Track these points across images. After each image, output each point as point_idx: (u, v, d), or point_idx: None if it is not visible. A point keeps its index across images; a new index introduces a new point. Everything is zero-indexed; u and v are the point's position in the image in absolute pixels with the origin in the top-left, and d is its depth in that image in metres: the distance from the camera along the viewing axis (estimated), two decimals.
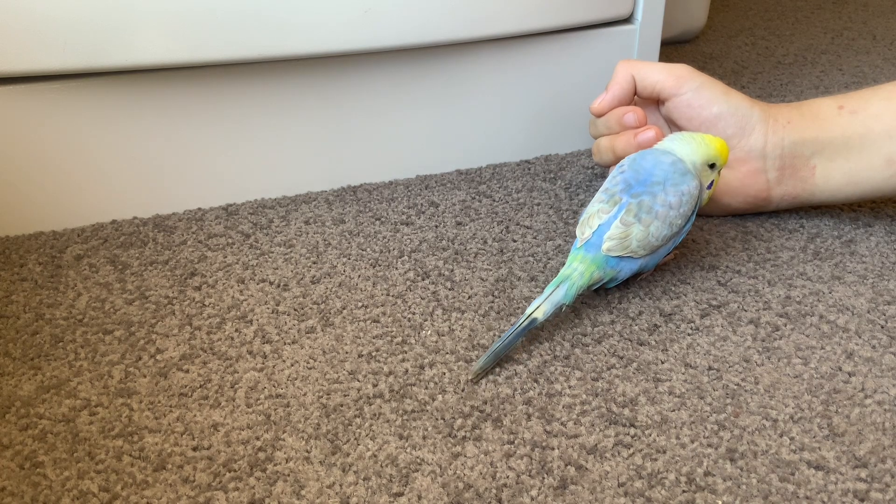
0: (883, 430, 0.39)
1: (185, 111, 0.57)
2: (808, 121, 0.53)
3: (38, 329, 0.47)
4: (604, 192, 0.48)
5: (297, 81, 0.58)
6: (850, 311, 0.47)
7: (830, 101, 0.53)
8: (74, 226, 0.57)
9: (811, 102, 0.54)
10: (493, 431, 0.39)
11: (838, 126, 0.52)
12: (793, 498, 0.35)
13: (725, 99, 0.53)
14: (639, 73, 0.55)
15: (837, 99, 0.53)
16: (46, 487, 0.36)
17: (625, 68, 0.55)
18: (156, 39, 0.52)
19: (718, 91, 0.53)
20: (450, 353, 0.44)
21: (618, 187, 0.48)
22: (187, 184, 0.59)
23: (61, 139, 0.54)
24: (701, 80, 0.53)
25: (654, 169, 0.48)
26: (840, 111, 0.52)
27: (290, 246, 0.55)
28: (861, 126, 0.51)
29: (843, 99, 0.53)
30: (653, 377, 0.42)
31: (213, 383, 0.43)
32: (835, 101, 0.53)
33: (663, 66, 0.55)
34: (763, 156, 0.53)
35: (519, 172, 0.65)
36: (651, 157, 0.49)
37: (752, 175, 0.54)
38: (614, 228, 0.46)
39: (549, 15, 0.61)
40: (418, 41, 0.58)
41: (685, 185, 0.47)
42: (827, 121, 0.52)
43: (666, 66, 0.55)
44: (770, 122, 0.53)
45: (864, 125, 0.51)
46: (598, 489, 0.36)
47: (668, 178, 0.47)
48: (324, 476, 0.37)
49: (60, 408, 0.41)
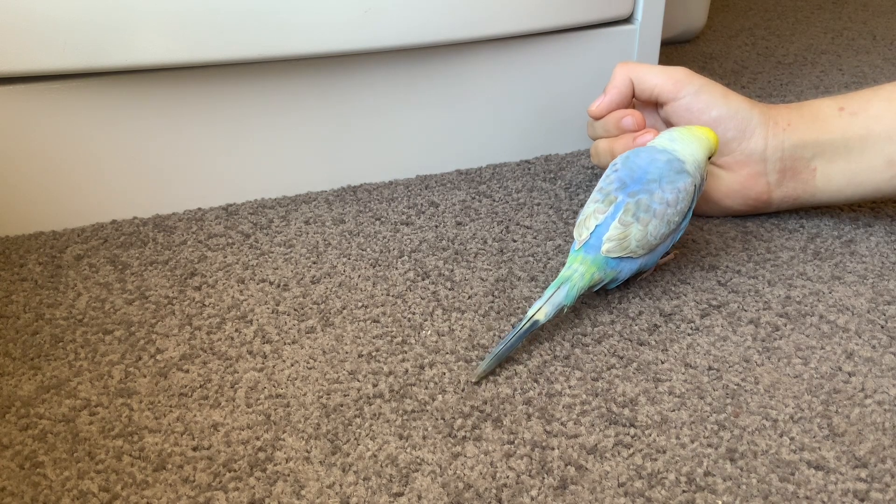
0: (883, 430, 0.39)
1: (185, 111, 0.57)
2: (809, 122, 0.53)
3: (38, 329, 0.47)
4: (599, 191, 0.48)
5: (297, 81, 0.58)
6: (850, 311, 0.47)
7: (831, 103, 0.53)
8: (74, 226, 0.57)
9: (811, 104, 0.54)
10: (493, 431, 0.39)
11: (839, 128, 0.52)
12: (793, 498, 0.35)
13: (725, 102, 0.53)
14: (637, 76, 0.55)
15: (838, 100, 0.53)
16: (46, 487, 0.36)
17: (623, 71, 0.55)
18: (156, 39, 0.52)
19: (717, 94, 0.53)
20: (450, 353, 0.44)
21: (612, 186, 0.47)
22: (187, 184, 0.59)
23: (61, 139, 0.54)
24: (699, 84, 0.53)
25: (648, 167, 0.48)
26: (840, 113, 0.52)
27: (290, 246, 0.55)
28: (862, 128, 0.51)
29: (844, 100, 0.53)
30: (653, 377, 0.42)
31: (213, 383, 0.43)
32: (835, 102, 0.53)
33: (661, 70, 0.54)
34: (763, 159, 0.53)
35: (519, 172, 0.65)
36: (645, 155, 0.49)
37: (752, 178, 0.54)
38: (613, 229, 0.46)
39: (548, 15, 0.61)
40: (418, 41, 0.58)
41: (681, 181, 0.47)
42: (827, 122, 0.52)
43: (664, 70, 0.54)
44: (770, 125, 0.53)
45: (865, 127, 0.51)
46: (598, 489, 0.36)
47: (664, 176, 0.47)
48: (324, 476, 0.37)
49: (60, 408, 0.41)
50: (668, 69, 0.54)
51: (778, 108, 0.54)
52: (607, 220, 0.46)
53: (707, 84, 0.53)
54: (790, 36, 0.99)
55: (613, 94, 0.55)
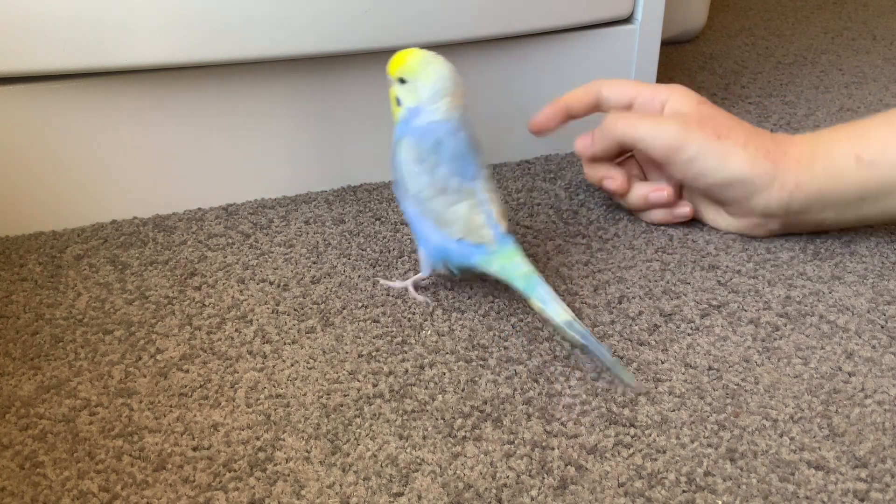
0: (883, 430, 0.39)
1: (185, 111, 0.57)
2: (822, 179, 0.49)
3: (38, 329, 0.47)
4: (446, 194, 0.45)
5: (297, 81, 0.58)
6: (850, 311, 0.47)
7: (848, 149, 0.48)
8: (74, 226, 0.57)
9: (826, 152, 0.49)
10: (493, 431, 0.39)
11: (855, 182, 0.48)
12: (793, 498, 0.35)
13: (721, 168, 0.49)
14: (625, 134, 0.52)
15: (854, 143, 0.48)
16: (46, 487, 0.36)
17: (612, 126, 0.52)
18: (156, 39, 0.52)
19: (713, 160, 0.49)
20: (450, 353, 0.44)
21: (454, 181, 0.45)
22: (187, 184, 0.59)
23: (61, 139, 0.55)
24: (694, 150, 0.49)
25: (456, 149, 0.46)
26: (859, 163, 0.48)
27: (290, 246, 0.55)
28: (880, 178, 0.48)
29: (860, 143, 0.48)
30: (653, 377, 0.42)
31: (213, 383, 0.43)
32: (852, 146, 0.48)
33: (653, 127, 0.51)
34: (767, 214, 0.51)
35: (519, 172, 0.65)
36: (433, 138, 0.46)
37: (754, 226, 0.53)
38: (496, 209, 0.46)
39: (548, 15, 0.61)
40: (418, 41, 0.58)
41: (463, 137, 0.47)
42: (843, 177, 0.48)
43: (655, 128, 0.51)
44: (775, 187, 0.49)
45: (883, 177, 0.48)
46: (598, 489, 0.36)
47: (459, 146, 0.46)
48: (324, 476, 0.37)
49: (60, 408, 0.41)
50: (659, 127, 0.51)
51: (787, 161, 0.49)
52: (485, 209, 0.45)
53: (703, 147, 0.49)
54: (790, 36, 0.99)
55: (602, 144, 0.53)
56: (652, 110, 0.54)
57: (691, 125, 0.50)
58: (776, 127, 0.71)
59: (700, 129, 0.50)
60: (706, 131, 0.50)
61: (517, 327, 0.46)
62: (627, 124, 0.52)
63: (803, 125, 0.72)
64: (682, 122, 0.50)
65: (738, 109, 0.75)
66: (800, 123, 0.72)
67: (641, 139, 0.51)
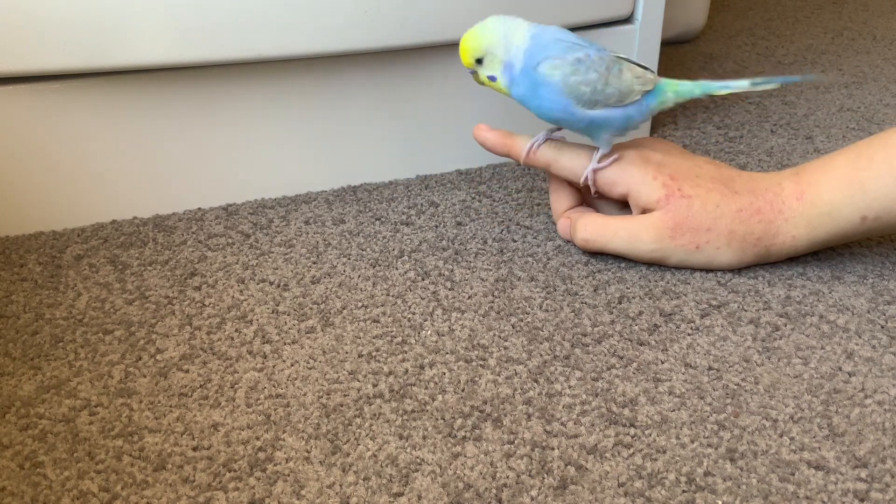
0: (883, 430, 0.39)
1: (185, 111, 0.57)
2: (823, 234, 0.49)
3: (38, 329, 0.47)
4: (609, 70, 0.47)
5: (297, 81, 0.58)
6: (850, 311, 0.47)
7: (852, 212, 0.47)
8: (74, 226, 0.57)
9: (830, 207, 0.48)
10: (493, 431, 0.39)
11: (860, 232, 0.48)
12: (793, 498, 0.35)
13: (710, 266, 0.50)
14: (605, 249, 0.51)
15: (857, 203, 0.47)
16: (46, 487, 0.36)
17: (585, 244, 0.51)
18: (156, 39, 0.52)
19: (699, 264, 0.50)
20: (450, 353, 0.44)
21: (600, 57, 0.47)
22: (187, 184, 0.59)
23: (61, 139, 0.55)
24: (676, 259, 0.50)
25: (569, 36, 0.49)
26: (864, 221, 0.47)
27: (290, 246, 0.55)
28: (882, 230, 0.48)
29: (863, 202, 0.47)
30: (653, 377, 0.42)
31: (213, 383, 0.43)
32: (855, 208, 0.47)
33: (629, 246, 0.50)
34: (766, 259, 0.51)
35: (519, 172, 0.65)
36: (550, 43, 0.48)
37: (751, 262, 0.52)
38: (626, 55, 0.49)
39: (549, 15, 0.61)
40: (418, 41, 0.58)
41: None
42: (846, 233, 0.48)
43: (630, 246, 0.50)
44: (776, 244, 0.49)
45: (886, 229, 0.48)
46: (598, 489, 0.36)
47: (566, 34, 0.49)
48: (324, 476, 0.37)
49: (60, 408, 0.41)
50: (633, 246, 0.50)
51: (785, 225, 0.49)
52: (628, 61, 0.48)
53: (685, 258, 0.50)
54: (790, 36, 0.99)
55: None
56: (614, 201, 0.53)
57: (665, 239, 0.49)
58: (776, 127, 0.71)
59: (674, 241, 0.49)
60: (683, 241, 0.49)
61: (517, 327, 0.46)
62: (604, 241, 0.51)
63: (803, 125, 0.72)
64: (655, 235, 0.49)
65: (738, 109, 0.75)
66: (800, 123, 0.72)
67: (622, 253, 0.51)
